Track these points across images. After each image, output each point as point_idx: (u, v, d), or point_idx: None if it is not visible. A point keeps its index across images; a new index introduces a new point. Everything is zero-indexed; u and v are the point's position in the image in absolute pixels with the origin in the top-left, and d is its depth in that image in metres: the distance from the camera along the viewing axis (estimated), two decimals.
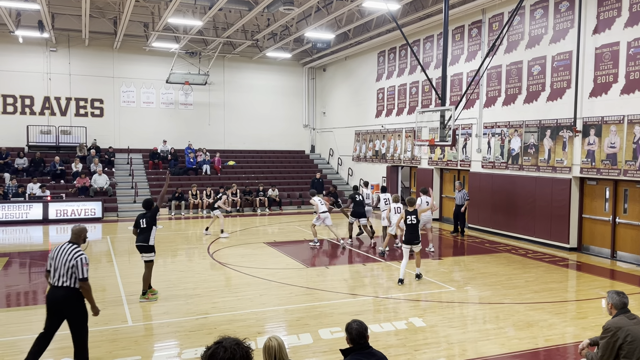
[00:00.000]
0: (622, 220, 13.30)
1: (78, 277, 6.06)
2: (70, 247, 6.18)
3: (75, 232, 6.38)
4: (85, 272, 6.07)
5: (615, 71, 12.97)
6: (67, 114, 24.76)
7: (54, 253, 6.18)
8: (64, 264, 6.06)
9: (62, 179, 22.13)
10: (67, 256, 6.09)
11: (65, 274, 6.05)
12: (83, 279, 6.08)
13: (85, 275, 6.07)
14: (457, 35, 18.53)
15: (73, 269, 6.05)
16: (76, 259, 6.06)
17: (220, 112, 27.77)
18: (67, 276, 6.06)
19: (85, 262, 6.11)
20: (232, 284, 10.75)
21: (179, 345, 7.24)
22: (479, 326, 8.15)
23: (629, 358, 4.97)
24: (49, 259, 6.20)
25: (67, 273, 6.05)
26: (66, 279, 6.06)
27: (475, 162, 17.82)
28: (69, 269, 6.04)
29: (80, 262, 6.06)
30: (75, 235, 6.36)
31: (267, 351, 4.08)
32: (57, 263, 6.09)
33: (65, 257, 6.09)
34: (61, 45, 24.39)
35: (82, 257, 6.11)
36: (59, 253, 6.15)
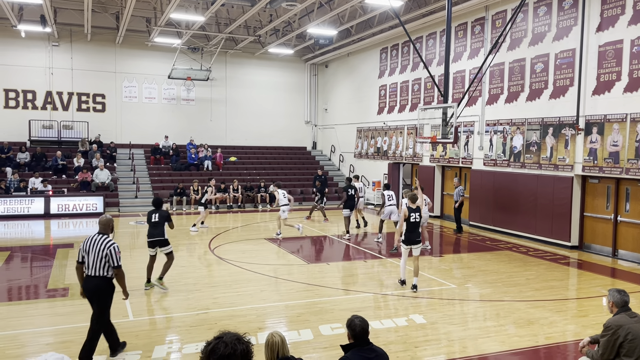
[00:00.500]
0: (623, 219, 13.28)
1: (112, 265, 6.35)
2: (101, 238, 6.43)
3: (103, 223, 6.63)
4: (118, 259, 6.38)
5: (619, 69, 12.93)
6: (69, 108, 24.76)
7: (85, 245, 6.43)
8: (97, 255, 6.34)
9: (63, 173, 22.15)
10: (99, 246, 6.36)
11: (99, 264, 6.33)
12: (117, 267, 6.39)
13: (118, 262, 6.39)
14: (460, 32, 18.48)
15: (106, 258, 6.32)
16: (108, 249, 6.33)
17: (222, 108, 27.76)
18: (100, 265, 6.34)
19: (117, 250, 6.40)
20: (232, 279, 10.76)
21: (180, 340, 7.25)
22: (479, 323, 8.15)
23: (629, 356, 4.97)
24: (81, 251, 6.46)
25: (100, 263, 6.33)
26: (99, 268, 6.34)
27: (477, 160, 17.79)
28: (102, 259, 6.32)
29: (113, 251, 6.34)
30: (103, 225, 6.62)
31: (270, 347, 4.09)
32: (91, 254, 6.35)
33: (98, 248, 6.35)
34: (63, 40, 24.38)
35: (113, 246, 6.40)
36: (91, 245, 6.41)
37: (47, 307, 8.86)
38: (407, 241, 9.93)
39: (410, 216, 9.89)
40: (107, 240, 6.43)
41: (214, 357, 2.86)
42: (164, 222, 9.72)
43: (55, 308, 8.76)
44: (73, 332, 7.52)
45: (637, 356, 4.86)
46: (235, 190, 22.74)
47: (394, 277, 10.92)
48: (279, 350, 4.10)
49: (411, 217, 9.89)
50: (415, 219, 9.90)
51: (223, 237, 15.52)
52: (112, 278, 6.50)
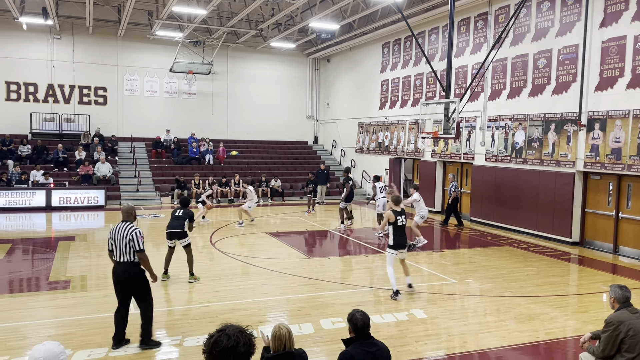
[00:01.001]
0: (625, 215, 13.27)
1: (135, 249, 6.58)
2: (125, 225, 6.68)
3: (126, 211, 6.88)
4: (141, 244, 6.62)
5: (622, 65, 12.88)
6: (70, 101, 24.75)
7: (112, 234, 6.67)
8: (122, 241, 6.59)
9: (65, 166, 22.17)
10: (124, 233, 6.61)
11: (124, 249, 6.58)
12: (140, 250, 6.61)
13: (141, 246, 6.62)
14: (463, 27, 18.42)
15: (130, 243, 6.57)
16: (131, 234, 6.58)
17: (223, 101, 27.73)
18: (126, 251, 6.58)
19: (140, 235, 6.63)
20: (234, 273, 10.78)
21: (181, 333, 7.27)
22: (479, 319, 8.16)
23: (630, 352, 4.97)
24: (109, 240, 6.70)
25: (126, 248, 6.58)
26: (126, 253, 6.59)
27: (478, 155, 17.77)
28: (126, 244, 6.57)
29: (135, 236, 6.59)
30: (126, 213, 6.86)
31: (277, 339, 4.08)
32: (117, 241, 6.60)
33: (122, 234, 6.60)
34: (65, 33, 24.33)
35: (136, 230, 6.64)
36: (117, 232, 6.65)
37: (48, 299, 8.89)
38: (396, 246, 9.15)
39: (397, 220, 9.09)
40: (131, 226, 6.69)
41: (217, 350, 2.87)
42: (186, 218, 10.05)
43: (56, 300, 8.78)
44: (74, 324, 7.54)
45: (638, 352, 4.86)
46: (236, 184, 22.73)
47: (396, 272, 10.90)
48: (286, 343, 4.11)
49: (398, 221, 9.10)
50: (402, 222, 9.16)
51: (224, 231, 15.53)
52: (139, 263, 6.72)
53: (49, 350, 2.98)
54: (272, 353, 4.16)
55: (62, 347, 3.08)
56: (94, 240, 14.43)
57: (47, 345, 3.02)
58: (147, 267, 6.75)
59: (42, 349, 2.99)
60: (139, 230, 6.66)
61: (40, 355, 2.94)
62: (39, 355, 2.94)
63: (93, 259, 11.91)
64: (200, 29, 24.27)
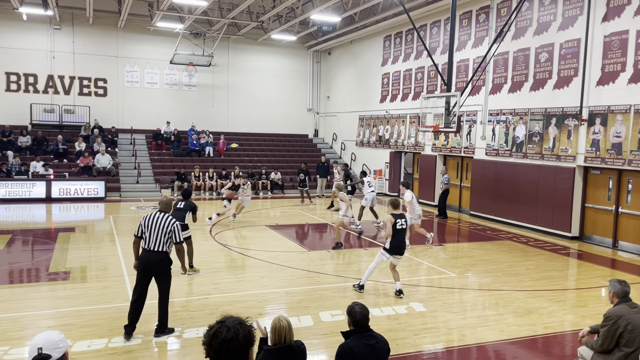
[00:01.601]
0: (624, 210, 13.28)
1: (174, 241, 6.84)
2: (164, 216, 6.87)
3: (164, 203, 7.24)
4: (180, 236, 6.88)
5: (624, 60, 12.84)
6: (70, 92, 24.69)
7: (148, 222, 6.82)
8: (161, 231, 6.76)
9: (65, 158, 22.15)
10: (163, 223, 6.79)
11: (161, 239, 6.75)
12: (179, 242, 6.90)
13: (181, 239, 6.90)
14: (465, 20, 18.34)
15: (170, 234, 6.79)
16: (172, 226, 6.82)
17: (224, 94, 27.66)
18: (163, 241, 6.76)
19: (179, 228, 6.92)
20: (234, 265, 10.80)
21: (181, 325, 7.29)
22: (478, 312, 8.18)
23: (629, 346, 4.99)
24: (141, 227, 6.83)
25: (164, 238, 6.76)
26: (162, 243, 6.76)
27: (479, 149, 17.76)
28: (165, 235, 6.76)
29: (176, 229, 6.84)
30: (164, 205, 7.19)
31: (277, 331, 4.09)
32: (154, 230, 6.75)
33: (162, 224, 6.79)
34: (65, 24, 24.23)
35: (177, 224, 6.90)
36: (154, 221, 6.81)
37: (48, 290, 8.91)
38: (391, 250, 8.72)
39: (396, 223, 8.64)
40: (171, 218, 6.88)
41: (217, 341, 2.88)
42: (187, 210, 10.13)
43: (56, 291, 8.80)
44: (74, 315, 7.56)
45: (636, 346, 4.88)
46: (236, 176, 22.70)
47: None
48: (286, 335, 4.11)
49: (397, 224, 8.65)
50: (402, 226, 8.69)
51: (224, 224, 15.54)
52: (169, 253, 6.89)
53: (49, 338, 3.00)
54: (272, 345, 4.17)
55: (62, 335, 3.09)
56: (94, 231, 14.44)
57: (47, 333, 3.04)
58: (182, 258, 7.11)
59: (41, 337, 3.01)
60: (178, 223, 6.91)
61: (40, 343, 2.96)
62: (38, 343, 2.96)
63: (93, 250, 11.93)
64: (200, 20, 24.17)
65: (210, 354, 2.91)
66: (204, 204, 20.12)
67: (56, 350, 2.97)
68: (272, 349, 4.11)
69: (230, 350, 2.86)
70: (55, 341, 2.99)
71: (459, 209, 19.04)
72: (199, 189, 21.90)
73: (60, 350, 2.99)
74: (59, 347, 2.99)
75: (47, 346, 2.95)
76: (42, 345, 2.95)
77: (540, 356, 6.67)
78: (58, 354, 2.97)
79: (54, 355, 2.94)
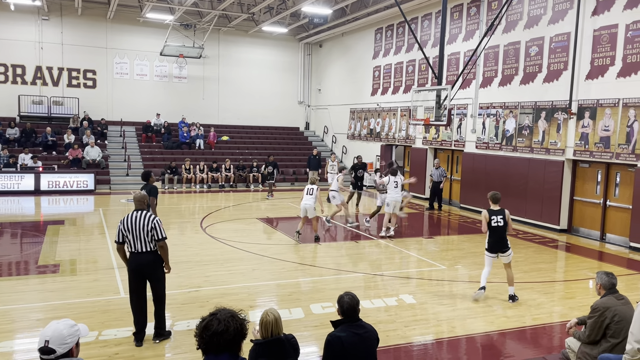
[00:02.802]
0: (612, 203, 13.42)
1: (157, 237, 6.41)
2: (142, 214, 6.46)
3: (138, 200, 6.65)
4: (163, 232, 6.48)
5: (613, 54, 12.93)
6: (59, 84, 24.44)
7: (127, 224, 6.40)
8: (143, 230, 6.37)
9: (54, 150, 21.96)
10: (143, 222, 6.39)
11: (146, 239, 6.39)
12: (162, 239, 6.46)
13: (164, 235, 6.48)
14: (456, 13, 18.35)
15: (152, 232, 6.39)
16: (153, 223, 6.41)
17: (214, 86, 27.52)
18: (148, 241, 6.40)
19: (160, 223, 6.53)
20: (224, 258, 10.79)
21: (171, 317, 7.29)
22: (468, 304, 8.25)
23: (615, 337, 5.06)
24: (121, 231, 6.42)
25: (147, 237, 6.39)
26: (148, 243, 6.40)
27: (469, 143, 17.83)
28: (148, 233, 6.38)
29: (157, 224, 6.44)
30: (139, 202, 6.63)
31: (265, 325, 4.12)
32: (136, 231, 6.36)
33: (142, 223, 6.39)
34: (53, 14, 23.95)
35: (156, 219, 6.51)
36: (133, 222, 6.39)
37: (37, 283, 8.86)
38: (490, 249, 8.42)
39: (491, 220, 8.31)
40: (150, 215, 6.49)
41: (207, 334, 2.89)
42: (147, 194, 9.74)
43: (45, 284, 8.75)
44: (64, 308, 7.53)
45: (622, 338, 4.94)
46: (227, 169, 22.67)
47: (385, 258, 10.98)
48: (272, 329, 4.14)
49: (492, 222, 8.29)
50: (497, 223, 8.29)
51: (215, 216, 15.51)
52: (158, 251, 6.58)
53: (57, 331, 2.94)
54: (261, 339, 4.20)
55: (75, 328, 3.00)
56: (84, 224, 14.36)
57: (59, 326, 2.96)
58: (166, 256, 6.57)
59: (51, 329, 2.94)
60: (158, 218, 6.57)
61: (48, 335, 2.92)
62: (47, 335, 2.92)
63: (82, 243, 11.86)
64: (191, 11, 23.98)
65: (201, 346, 2.93)
66: (195, 196, 20.08)
67: (62, 345, 2.93)
68: (261, 342, 4.15)
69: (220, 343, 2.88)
70: (64, 336, 2.94)
71: (449, 201, 19.14)
72: (189, 182, 21.82)
73: (66, 346, 2.94)
74: (66, 342, 2.94)
75: (54, 340, 2.91)
76: (49, 339, 2.91)
77: (529, 347, 6.75)
78: (64, 349, 2.93)
79: (58, 350, 2.91)
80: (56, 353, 2.89)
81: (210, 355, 2.91)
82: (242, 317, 3.02)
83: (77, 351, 3.04)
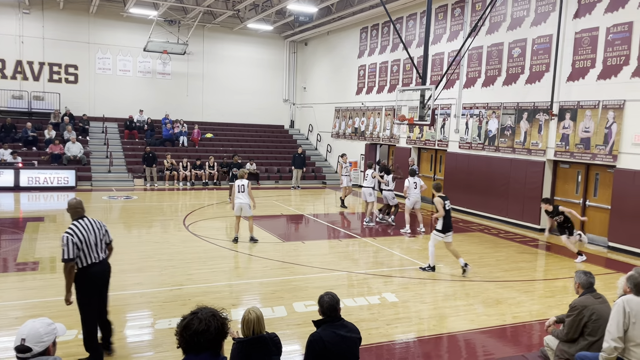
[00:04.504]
0: (591, 203, 13.63)
1: (109, 239, 5.96)
2: (91, 221, 5.82)
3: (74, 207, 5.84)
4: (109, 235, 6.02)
5: (593, 56, 13.12)
6: (40, 79, 24.06)
7: (80, 236, 5.59)
8: (98, 237, 5.79)
9: (34, 145, 21.62)
10: (96, 227, 5.82)
11: (101, 244, 5.85)
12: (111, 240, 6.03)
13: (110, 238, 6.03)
14: (440, 14, 18.46)
15: (104, 235, 5.89)
16: (104, 226, 5.92)
17: (198, 83, 27.33)
18: (102, 247, 5.88)
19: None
20: (207, 256, 10.73)
21: (153, 316, 7.24)
22: (449, 302, 8.33)
23: (593, 335, 5.14)
24: (76, 246, 5.55)
25: (101, 243, 5.85)
26: (103, 249, 5.89)
27: (452, 142, 17.97)
28: (102, 238, 5.86)
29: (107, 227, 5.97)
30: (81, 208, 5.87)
31: (246, 324, 4.12)
32: (91, 240, 5.69)
33: (96, 230, 5.79)
34: (35, 8, 23.56)
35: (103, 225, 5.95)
36: (87, 231, 5.69)
37: (16, 280, 8.73)
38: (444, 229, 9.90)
39: (445, 204, 9.86)
40: (97, 219, 5.93)
41: (188, 333, 2.87)
42: None
43: (25, 282, 8.63)
44: (43, 306, 7.43)
45: (600, 336, 5.03)
46: (211, 167, 22.54)
47: (369, 257, 11.01)
48: (254, 327, 4.14)
49: (446, 205, 9.88)
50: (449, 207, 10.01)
51: (198, 214, 15.42)
52: None
53: (34, 329, 2.91)
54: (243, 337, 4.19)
55: (52, 326, 2.98)
56: (64, 221, 14.16)
57: (36, 324, 2.93)
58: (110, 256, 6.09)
59: (27, 327, 2.91)
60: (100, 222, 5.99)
61: (25, 333, 2.89)
62: (23, 333, 2.89)
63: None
64: (175, 7, 23.77)
65: (182, 345, 2.91)
66: (178, 194, 19.93)
67: (39, 344, 2.90)
68: (243, 341, 4.14)
69: (201, 342, 2.86)
70: (40, 334, 2.91)
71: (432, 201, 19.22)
72: (172, 179, 21.63)
73: (43, 344, 2.92)
74: (43, 340, 2.91)
75: (30, 339, 2.88)
76: (25, 337, 2.88)
77: (509, 345, 6.83)
78: (40, 347, 2.90)
79: (35, 348, 2.88)
80: (32, 351, 2.86)
81: (190, 354, 2.89)
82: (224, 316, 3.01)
83: (54, 350, 3.01)
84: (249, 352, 4.11)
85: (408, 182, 14.04)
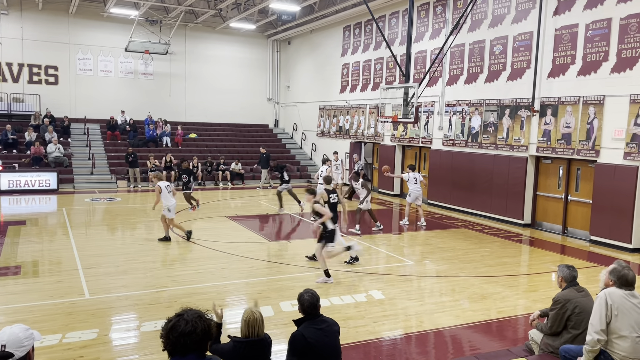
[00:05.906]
0: (573, 198, 13.82)
1: None
2: None
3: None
4: None
5: (573, 53, 13.29)
6: (19, 80, 23.69)
7: None
8: None
9: (14, 148, 21.29)
10: None
11: None
12: None
13: None
14: (422, 12, 18.55)
15: None
16: None
17: (181, 83, 27.13)
18: None
19: None
20: (192, 257, 10.67)
21: (138, 318, 7.17)
22: (435, 299, 8.38)
23: (576, 329, 5.21)
24: None
25: None
26: None
27: (436, 140, 18.08)
28: None
29: None
30: None
31: (251, 324, 4.05)
32: None
33: None
34: (13, 8, 23.18)
35: None
36: None
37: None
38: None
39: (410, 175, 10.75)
40: None
41: (174, 335, 2.85)
42: None
43: (7, 287, 8.49)
44: (25, 311, 7.33)
45: (583, 329, 5.09)
46: (195, 167, 22.39)
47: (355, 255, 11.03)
48: (258, 328, 4.08)
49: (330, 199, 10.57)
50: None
51: (183, 215, 15.30)
52: None
53: (13, 334, 2.88)
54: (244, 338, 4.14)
55: (30, 332, 2.97)
56: (46, 224, 13.97)
57: (13, 329, 2.91)
58: None
59: (6, 333, 2.88)
60: None
61: (4, 339, 2.85)
62: (2, 339, 2.85)
63: (45, 244, 11.55)
64: (156, 7, 23.56)
65: (168, 347, 2.88)
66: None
67: (20, 348, 2.86)
68: (245, 342, 4.06)
69: (187, 344, 2.84)
70: (20, 339, 2.88)
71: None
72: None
73: (24, 349, 2.88)
74: (24, 345, 2.88)
75: (10, 344, 2.84)
76: (5, 343, 2.84)
77: (494, 339, 6.89)
78: (22, 352, 2.86)
79: (17, 353, 2.84)
80: (14, 357, 2.82)
81: (176, 356, 2.87)
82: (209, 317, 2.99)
83: (33, 355, 2.98)
84: (247, 353, 4.06)
85: (407, 177, 14.27)
